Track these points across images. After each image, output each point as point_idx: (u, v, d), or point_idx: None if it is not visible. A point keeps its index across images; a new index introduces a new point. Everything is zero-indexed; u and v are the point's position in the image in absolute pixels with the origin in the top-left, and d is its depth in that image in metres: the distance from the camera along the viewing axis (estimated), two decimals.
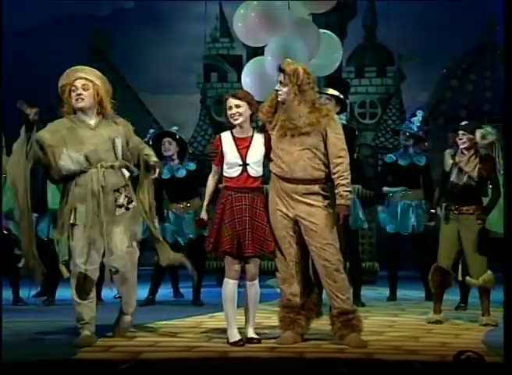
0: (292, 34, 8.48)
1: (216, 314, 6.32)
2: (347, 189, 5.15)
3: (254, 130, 5.31)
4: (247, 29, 8.73)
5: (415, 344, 5.23)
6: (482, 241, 6.13)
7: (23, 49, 12.11)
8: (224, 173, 5.27)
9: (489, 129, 7.38)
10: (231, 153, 5.23)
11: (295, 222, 5.21)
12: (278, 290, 5.43)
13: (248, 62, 9.26)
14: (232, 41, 12.55)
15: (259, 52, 9.14)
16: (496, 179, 6.35)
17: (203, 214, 5.35)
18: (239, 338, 5.12)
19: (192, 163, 7.67)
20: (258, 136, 5.28)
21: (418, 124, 7.81)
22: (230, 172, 5.23)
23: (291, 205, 5.19)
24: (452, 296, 6.93)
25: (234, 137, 5.26)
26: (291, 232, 5.22)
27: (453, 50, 12.42)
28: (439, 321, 6.18)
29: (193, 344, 5.13)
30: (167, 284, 7.97)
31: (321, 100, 5.60)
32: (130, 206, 5.26)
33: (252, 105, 5.24)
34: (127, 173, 5.29)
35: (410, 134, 7.79)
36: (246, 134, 5.27)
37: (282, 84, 5.22)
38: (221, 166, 5.29)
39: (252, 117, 5.25)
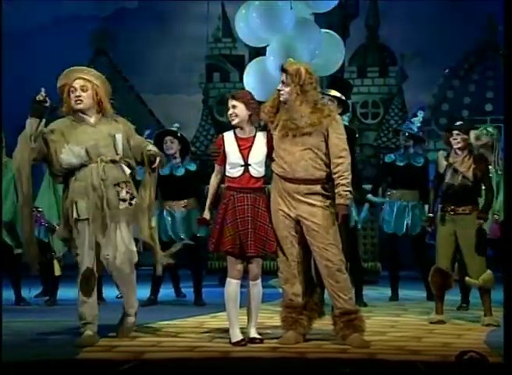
0: (294, 34, 8.48)
1: (218, 314, 6.32)
2: (347, 189, 5.15)
3: (257, 130, 5.31)
4: (249, 29, 8.73)
5: (417, 344, 5.23)
6: (480, 241, 6.12)
7: (26, 49, 12.10)
8: (226, 173, 5.27)
9: (490, 129, 7.39)
10: (233, 153, 5.22)
11: (297, 222, 5.21)
12: (280, 290, 5.43)
13: (250, 62, 9.27)
14: (234, 41, 12.52)
15: (261, 52, 9.14)
16: (489, 179, 6.36)
17: (205, 213, 5.35)
18: (241, 338, 5.12)
19: (193, 164, 7.66)
20: (261, 136, 5.28)
21: (419, 124, 7.79)
22: (232, 172, 5.23)
23: (293, 205, 5.19)
24: (453, 296, 6.93)
25: (236, 137, 5.26)
26: (293, 232, 5.22)
27: (456, 50, 12.38)
28: (442, 321, 6.18)
29: (195, 344, 5.13)
30: (169, 284, 7.97)
31: (323, 100, 5.59)
32: (133, 202, 5.25)
33: (249, 106, 5.21)
34: (128, 170, 5.28)
35: (410, 135, 7.78)
36: (248, 134, 5.27)
37: (284, 84, 5.22)
38: (223, 166, 5.29)
39: (251, 118, 5.24)
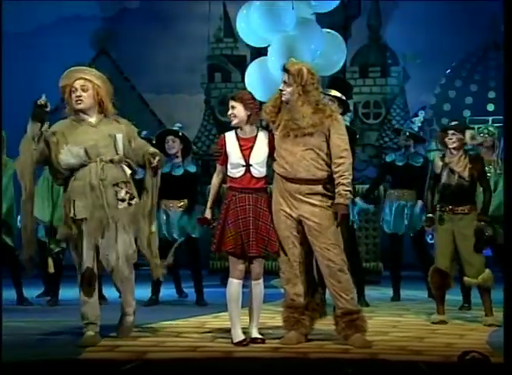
0: (295, 34, 8.48)
1: (220, 314, 6.31)
2: (347, 188, 5.14)
3: (259, 130, 5.31)
4: (250, 29, 8.74)
5: (420, 344, 5.22)
6: (479, 240, 6.11)
7: (28, 49, 12.11)
8: (228, 173, 5.27)
9: (492, 129, 7.39)
10: (234, 154, 5.22)
11: (299, 222, 5.20)
12: (282, 290, 5.43)
13: (252, 63, 9.27)
14: (236, 41, 12.51)
15: (263, 52, 9.14)
16: (486, 179, 6.37)
17: (207, 213, 5.35)
18: (243, 338, 5.12)
19: (193, 165, 7.65)
20: (262, 136, 5.27)
21: (419, 124, 7.80)
22: (234, 172, 5.23)
23: (294, 206, 5.19)
24: (455, 296, 6.92)
25: (238, 138, 5.26)
26: (295, 232, 5.21)
27: (458, 50, 12.37)
28: (443, 321, 6.17)
29: (197, 344, 5.13)
30: (171, 284, 7.97)
31: (324, 100, 5.58)
32: (132, 202, 5.24)
33: (248, 106, 5.20)
34: (128, 170, 5.26)
35: (410, 134, 7.78)
36: (249, 134, 5.27)
37: (286, 84, 5.21)
38: (225, 166, 5.29)
39: (250, 118, 5.23)
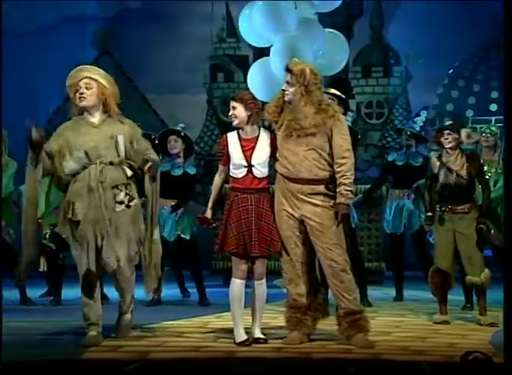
0: (297, 34, 8.48)
1: (223, 314, 6.31)
2: (348, 188, 5.14)
3: (260, 130, 5.30)
4: (253, 29, 8.73)
5: (422, 344, 5.22)
6: (481, 238, 6.12)
7: (30, 49, 12.11)
8: (230, 174, 5.27)
9: (494, 128, 7.39)
10: (236, 154, 5.22)
11: (301, 222, 5.20)
12: (284, 290, 5.43)
13: (254, 63, 9.26)
14: (238, 42, 12.50)
15: (265, 53, 9.14)
16: (484, 177, 6.37)
17: (207, 213, 5.34)
18: (245, 338, 5.12)
19: (193, 168, 7.65)
20: (264, 136, 5.27)
21: (421, 124, 7.79)
22: (236, 173, 5.23)
23: (297, 206, 5.19)
24: (457, 296, 6.92)
25: (240, 138, 5.26)
26: (297, 232, 5.21)
27: (460, 50, 12.36)
28: (446, 321, 6.16)
29: (200, 344, 5.13)
30: (173, 284, 7.97)
31: (328, 101, 5.57)
32: (131, 204, 5.22)
33: (248, 106, 5.20)
34: (130, 172, 5.24)
35: (411, 134, 7.78)
36: (251, 135, 5.26)
37: (289, 84, 5.21)
38: (227, 166, 5.29)
39: (250, 118, 5.22)
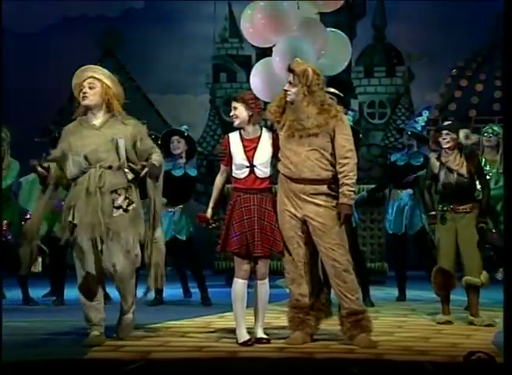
0: (299, 34, 8.47)
1: (225, 314, 6.31)
2: (351, 189, 5.14)
3: (262, 130, 5.30)
4: (254, 29, 8.72)
5: (425, 344, 5.22)
6: (482, 237, 6.13)
7: (34, 50, 12.12)
8: (232, 174, 5.28)
9: (496, 128, 7.38)
10: (238, 155, 5.22)
11: (303, 222, 5.20)
12: (287, 290, 5.43)
13: (257, 63, 9.26)
14: (241, 42, 12.50)
15: (268, 53, 9.13)
16: (484, 176, 6.39)
17: (208, 212, 5.33)
18: (248, 338, 5.12)
19: (195, 169, 7.66)
20: (266, 136, 5.27)
21: (423, 124, 7.79)
22: (238, 173, 5.23)
23: (299, 206, 5.19)
24: (460, 296, 6.91)
25: (242, 138, 5.26)
26: (299, 232, 5.21)
27: (463, 49, 12.36)
28: (449, 322, 6.16)
29: (202, 344, 5.13)
30: (176, 284, 7.97)
31: (330, 101, 5.57)
32: (130, 208, 5.18)
33: (249, 107, 5.20)
34: (131, 175, 5.20)
35: (412, 134, 7.78)
36: (253, 135, 5.26)
37: (291, 85, 5.21)
38: (229, 167, 5.29)
39: (251, 118, 5.22)
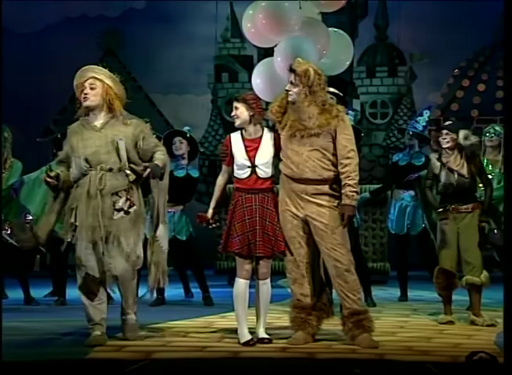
0: (301, 34, 8.46)
1: (227, 314, 6.32)
2: (354, 189, 5.14)
3: (264, 130, 5.30)
4: (256, 30, 8.71)
5: (427, 344, 5.21)
6: (483, 237, 6.14)
7: (35, 50, 12.14)
8: (234, 174, 5.27)
9: (498, 128, 7.38)
10: (240, 155, 5.22)
11: (305, 222, 5.20)
12: (289, 290, 5.43)
13: (259, 63, 9.26)
14: (243, 42, 12.51)
15: (270, 53, 9.13)
16: (486, 175, 6.39)
17: (209, 213, 5.33)
18: (250, 338, 5.12)
19: (196, 171, 7.67)
20: (268, 136, 5.26)
21: (424, 124, 7.79)
22: (240, 173, 5.23)
23: (301, 206, 5.18)
24: (462, 296, 6.90)
25: (243, 139, 5.25)
26: (301, 232, 5.21)
27: (465, 50, 12.37)
28: (451, 322, 6.16)
29: (204, 344, 5.13)
30: (177, 284, 7.97)
31: (331, 100, 5.56)
32: (131, 210, 5.17)
33: (250, 107, 5.20)
34: (133, 176, 5.18)
35: (413, 133, 7.78)
36: (254, 135, 5.26)
37: (292, 85, 5.20)
38: (231, 167, 5.29)
39: (253, 118, 5.21)
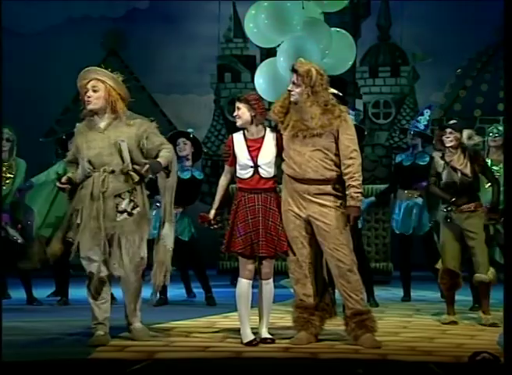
0: (303, 34, 8.46)
1: (230, 314, 6.32)
2: (358, 190, 5.13)
3: (266, 131, 5.30)
4: (258, 29, 8.72)
5: (430, 345, 5.21)
6: (488, 234, 6.16)
7: (38, 50, 12.14)
8: (237, 174, 5.27)
9: (501, 128, 7.38)
10: (242, 155, 5.22)
11: (308, 222, 5.19)
12: (292, 290, 5.43)
13: (262, 63, 9.26)
14: (245, 42, 12.50)
15: (273, 53, 9.13)
16: (491, 172, 6.40)
17: (211, 213, 5.32)
18: (252, 338, 5.12)
19: (200, 172, 7.67)
20: (270, 136, 5.26)
21: (425, 123, 7.79)
22: (242, 173, 5.23)
23: (303, 206, 5.18)
24: (465, 297, 6.90)
25: (246, 139, 5.25)
26: (304, 232, 5.21)
27: (468, 49, 12.35)
28: (454, 322, 6.15)
29: (207, 344, 5.13)
30: (180, 284, 7.97)
31: (334, 101, 5.56)
32: (134, 212, 5.17)
33: (252, 107, 5.19)
34: (136, 177, 5.16)
35: (416, 133, 7.78)
36: (257, 135, 5.26)
37: (295, 85, 5.20)
38: (234, 167, 5.29)
39: (254, 119, 5.21)
